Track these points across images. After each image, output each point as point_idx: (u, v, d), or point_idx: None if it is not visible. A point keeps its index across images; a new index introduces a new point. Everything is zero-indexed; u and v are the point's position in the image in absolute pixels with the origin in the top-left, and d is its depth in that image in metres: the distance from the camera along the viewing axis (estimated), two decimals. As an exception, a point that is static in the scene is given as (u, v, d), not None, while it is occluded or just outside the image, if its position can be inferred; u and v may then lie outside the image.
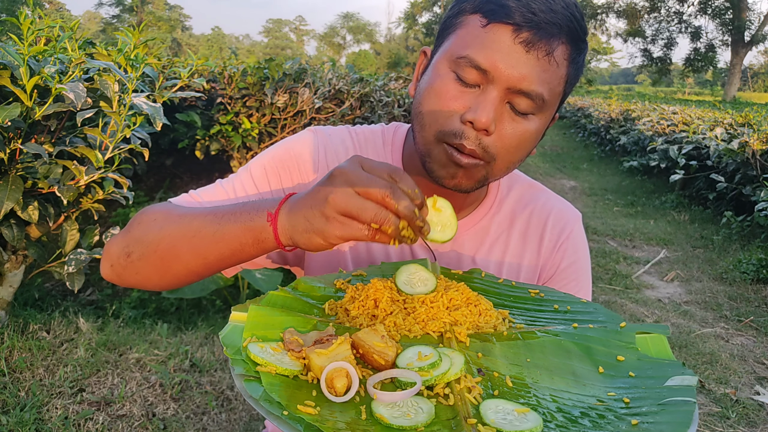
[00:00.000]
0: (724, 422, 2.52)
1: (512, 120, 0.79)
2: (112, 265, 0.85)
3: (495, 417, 0.54)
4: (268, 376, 0.58)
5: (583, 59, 0.83)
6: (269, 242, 0.72)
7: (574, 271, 1.01)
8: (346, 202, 0.63)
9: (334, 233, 0.64)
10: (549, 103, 0.80)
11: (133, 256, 0.81)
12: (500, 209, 1.00)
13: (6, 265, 2.23)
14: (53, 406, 2.03)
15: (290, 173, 0.95)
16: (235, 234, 0.74)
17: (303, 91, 3.54)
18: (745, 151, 5.52)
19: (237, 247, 0.74)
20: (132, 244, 0.82)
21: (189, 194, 0.92)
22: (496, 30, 0.76)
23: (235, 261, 0.77)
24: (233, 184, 0.93)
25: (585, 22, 0.81)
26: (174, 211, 0.82)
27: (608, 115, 12.46)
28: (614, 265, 4.76)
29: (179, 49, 50.68)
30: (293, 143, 0.97)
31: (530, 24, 0.75)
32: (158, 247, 0.79)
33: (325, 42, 78.70)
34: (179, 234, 0.78)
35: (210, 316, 3.12)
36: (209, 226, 0.76)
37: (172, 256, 0.79)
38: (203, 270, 0.79)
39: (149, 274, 0.82)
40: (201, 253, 0.77)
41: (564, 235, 1.00)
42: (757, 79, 70.94)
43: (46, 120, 1.99)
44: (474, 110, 0.77)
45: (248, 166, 0.96)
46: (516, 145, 0.81)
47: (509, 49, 0.76)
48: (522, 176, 1.06)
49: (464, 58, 0.78)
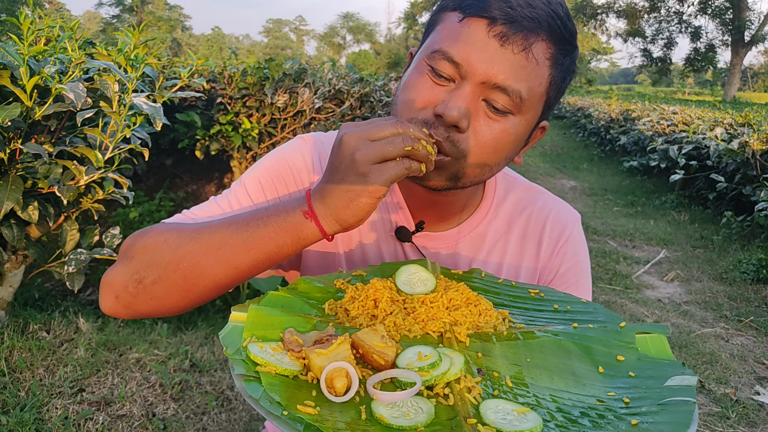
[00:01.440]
0: (724, 422, 2.52)
1: (488, 118, 0.77)
2: (117, 297, 0.80)
3: (495, 417, 0.54)
4: (267, 376, 0.58)
5: (570, 63, 0.81)
6: (311, 236, 0.72)
7: (573, 275, 1.00)
8: (372, 149, 0.67)
9: (378, 181, 0.67)
10: (528, 103, 0.77)
11: (146, 281, 0.77)
12: (497, 215, 0.99)
13: (6, 265, 2.23)
14: (53, 406, 2.03)
15: (286, 185, 0.93)
16: (269, 238, 0.73)
17: (303, 91, 3.54)
18: (745, 151, 5.52)
19: (273, 249, 0.74)
20: (143, 270, 0.78)
21: (183, 214, 0.90)
22: (471, 24, 0.75)
23: (268, 265, 0.76)
24: (228, 200, 0.91)
25: (572, 23, 0.79)
26: (185, 229, 0.79)
27: (608, 115, 12.46)
28: (614, 265, 4.76)
29: (179, 49, 50.69)
30: (286, 153, 0.95)
31: (506, 17, 0.73)
32: (179, 266, 0.76)
33: (325, 42, 78.70)
34: (202, 249, 0.75)
35: (210, 316, 3.12)
36: (236, 234, 0.74)
37: (196, 272, 0.76)
38: (232, 281, 0.77)
39: (167, 297, 0.78)
40: (232, 264, 0.75)
41: (563, 238, 0.99)
42: (757, 79, 70.94)
43: (46, 120, 1.99)
44: (445, 104, 0.75)
45: (242, 180, 0.94)
46: (492, 145, 0.78)
47: (483, 43, 0.74)
48: (519, 179, 1.05)
49: (438, 51, 0.77)
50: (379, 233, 0.97)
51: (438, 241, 0.97)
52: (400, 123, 0.69)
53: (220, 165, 3.97)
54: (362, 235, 0.97)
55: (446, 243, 0.97)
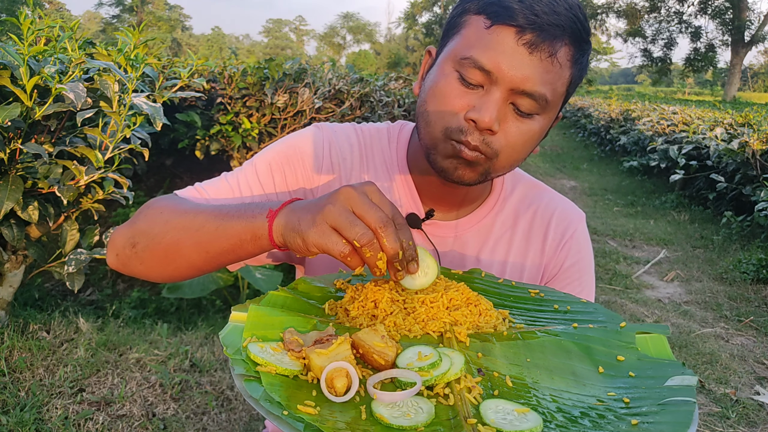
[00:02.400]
0: (724, 422, 2.52)
1: (516, 120, 0.81)
2: (117, 254, 0.87)
3: (495, 417, 0.54)
4: (268, 376, 0.58)
5: (586, 60, 0.84)
6: (264, 239, 0.74)
7: (577, 271, 1.01)
8: (338, 214, 0.66)
9: (313, 238, 0.67)
10: (552, 104, 0.82)
11: (138, 246, 0.84)
12: (504, 207, 1.01)
13: (6, 265, 2.23)
14: (53, 406, 2.03)
15: (294, 170, 0.96)
16: (235, 230, 0.76)
17: (303, 91, 3.54)
18: (745, 151, 5.52)
19: (236, 242, 0.76)
20: (137, 235, 0.84)
21: (195, 187, 0.93)
22: (499, 31, 0.77)
23: (234, 257, 0.80)
24: (238, 179, 0.94)
25: (588, 22, 0.82)
26: (180, 205, 0.84)
27: (608, 115, 12.47)
28: (614, 265, 4.76)
29: (179, 49, 50.68)
30: (298, 139, 0.98)
31: (533, 26, 0.76)
32: (163, 239, 0.82)
33: (325, 42, 78.70)
34: (184, 227, 0.80)
35: (210, 316, 3.12)
36: (213, 221, 0.78)
37: (175, 249, 0.81)
38: (204, 264, 0.82)
39: (153, 266, 0.84)
40: (203, 248, 0.79)
41: (568, 234, 1.01)
42: (757, 79, 70.93)
43: (46, 120, 1.99)
44: (477, 110, 0.79)
45: (253, 160, 0.97)
46: (521, 144, 0.83)
47: (512, 51, 0.77)
48: (525, 175, 1.07)
49: (468, 59, 0.79)
50: None
51: (446, 230, 0.98)
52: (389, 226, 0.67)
53: (220, 165, 3.97)
54: None
55: (454, 232, 0.99)
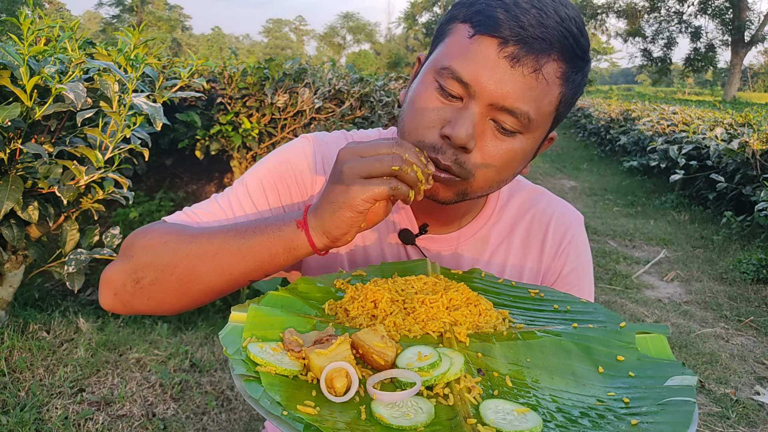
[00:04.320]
0: (724, 422, 2.52)
1: (495, 138, 0.77)
2: (116, 294, 0.81)
3: (495, 417, 0.54)
4: (267, 376, 0.58)
5: (582, 78, 0.79)
6: (301, 248, 0.74)
7: (576, 277, 1.00)
8: (359, 164, 0.68)
9: (359, 196, 0.67)
10: (537, 123, 0.76)
11: (144, 281, 0.78)
12: (500, 218, 0.99)
13: (6, 265, 2.23)
14: (53, 406, 2.03)
15: (288, 187, 0.92)
16: (263, 246, 0.74)
17: (303, 91, 3.54)
18: (745, 151, 5.52)
19: (266, 258, 0.75)
20: (141, 270, 0.79)
21: (184, 212, 0.89)
22: (481, 42, 0.73)
23: (261, 274, 0.78)
24: (229, 200, 0.91)
25: (585, 38, 0.77)
26: (185, 231, 0.80)
27: (608, 115, 12.46)
28: (614, 265, 4.76)
29: (179, 49, 50.67)
30: (289, 153, 0.94)
31: (517, 38, 0.71)
32: (175, 269, 0.77)
33: (325, 42, 78.69)
34: (198, 254, 0.77)
35: (210, 316, 3.12)
36: (232, 241, 0.76)
37: (192, 276, 0.77)
38: (226, 286, 0.79)
39: (163, 298, 0.79)
40: (226, 270, 0.76)
41: (566, 239, 0.99)
42: (757, 79, 70.91)
43: (46, 120, 1.99)
44: (452, 125, 0.74)
45: (243, 179, 0.93)
46: (500, 164, 0.78)
47: (493, 64, 0.72)
48: (524, 182, 1.04)
49: (447, 69, 0.75)
50: (381, 234, 0.97)
51: (441, 244, 0.96)
52: (397, 144, 0.70)
53: (220, 165, 3.97)
54: (364, 236, 0.97)
55: (449, 246, 0.97)
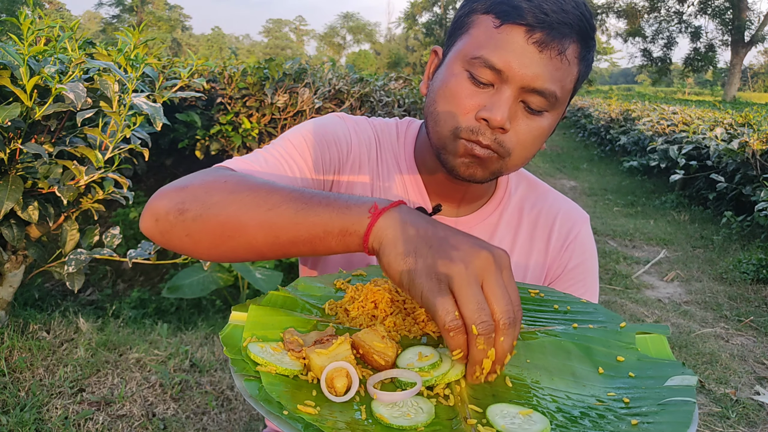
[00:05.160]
0: (724, 422, 2.52)
1: (526, 117, 0.82)
2: (157, 220, 0.74)
3: (503, 422, 0.54)
4: (268, 376, 0.58)
5: (592, 56, 0.86)
6: (356, 238, 0.65)
7: (581, 272, 1.02)
8: (466, 285, 0.58)
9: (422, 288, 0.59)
10: (561, 100, 0.83)
11: (188, 214, 0.72)
12: (509, 205, 1.03)
13: (6, 265, 2.23)
14: (53, 406, 2.03)
15: (329, 150, 0.93)
16: (322, 219, 0.67)
17: (303, 91, 3.54)
18: (745, 151, 5.52)
19: (318, 233, 0.67)
20: (189, 201, 0.72)
21: (240, 160, 0.85)
22: (509, 30, 0.78)
23: (308, 249, 0.70)
24: (278, 152, 0.89)
25: (593, 19, 0.83)
26: (250, 178, 0.74)
27: (608, 115, 12.47)
28: (614, 265, 4.76)
29: (179, 49, 50.68)
30: (327, 123, 0.97)
31: (543, 25, 0.77)
32: (222, 211, 0.70)
33: (325, 42, 78.69)
34: (253, 203, 0.70)
35: (210, 316, 3.12)
36: (292, 203, 0.69)
37: (236, 225, 0.70)
38: (268, 250, 0.71)
39: (201, 239, 0.72)
40: (273, 231, 0.69)
41: (572, 235, 1.02)
42: (757, 79, 70.91)
43: (46, 120, 1.99)
44: (489, 109, 0.79)
45: (286, 136, 0.92)
46: (531, 141, 0.84)
47: (523, 50, 0.78)
48: (530, 175, 1.08)
49: (479, 58, 0.80)
50: None
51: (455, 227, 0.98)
52: (514, 323, 0.59)
53: (220, 165, 3.96)
54: None
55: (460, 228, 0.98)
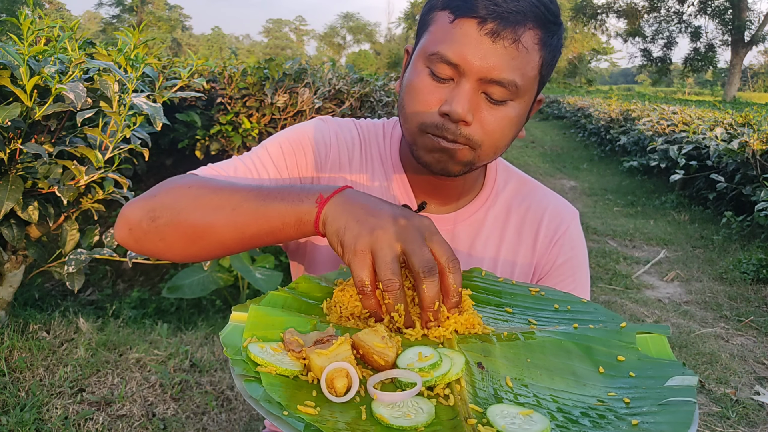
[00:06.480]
0: (724, 422, 2.52)
1: (490, 108, 0.83)
2: (130, 229, 0.82)
3: (504, 422, 0.54)
4: (268, 376, 0.58)
5: (558, 41, 0.86)
6: (309, 225, 0.74)
7: (570, 268, 1.01)
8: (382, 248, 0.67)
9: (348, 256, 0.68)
10: (524, 88, 0.83)
11: (160, 221, 0.79)
12: (496, 201, 1.02)
13: (6, 265, 2.23)
14: (53, 406, 2.03)
15: (305, 156, 0.97)
16: (278, 212, 0.75)
17: (303, 91, 3.54)
18: (745, 151, 5.52)
19: (277, 225, 0.75)
20: (160, 209, 0.80)
21: (209, 167, 0.91)
22: (462, 24, 0.80)
23: (271, 240, 0.78)
24: (252, 161, 0.94)
25: (555, 3, 0.83)
26: (211, 183, 0.82)
27: (608, 115, 12.45)
28: (614, 265, 4.76)
29: (179, 49, 50.67)
30: (306, 128, 0.99)
31: (494, 15, 0.78)
32: (191, 215, 0.78)
33: (325, 42, 78.69)
34: (218, 205, 0.77)
35: (210, 316, 3.12)
36: (252, 201, 0.76)
37: (205, 226, 0.78)
38: (236, 245, 0.79)
39: (174, 242, 0.80)
40: (239, 228, 0.77)
41: (560, 231, 1.02)
42: (757, 79, 70.88)
43: (46, 120, 1.99)
44: (449, 103, 0.81)
45: (264, 145, 0.97)
46: (500, 131, 0.85)
47: (476, 42, 0.79)
48: (518, 172, 1.08)
49: (436, 54, 0.81)
50: None
51: (438, 223, 0.98)
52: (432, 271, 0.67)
53: (220, 165, 3.96)
54: None
55: (446, 226, 0.99)
